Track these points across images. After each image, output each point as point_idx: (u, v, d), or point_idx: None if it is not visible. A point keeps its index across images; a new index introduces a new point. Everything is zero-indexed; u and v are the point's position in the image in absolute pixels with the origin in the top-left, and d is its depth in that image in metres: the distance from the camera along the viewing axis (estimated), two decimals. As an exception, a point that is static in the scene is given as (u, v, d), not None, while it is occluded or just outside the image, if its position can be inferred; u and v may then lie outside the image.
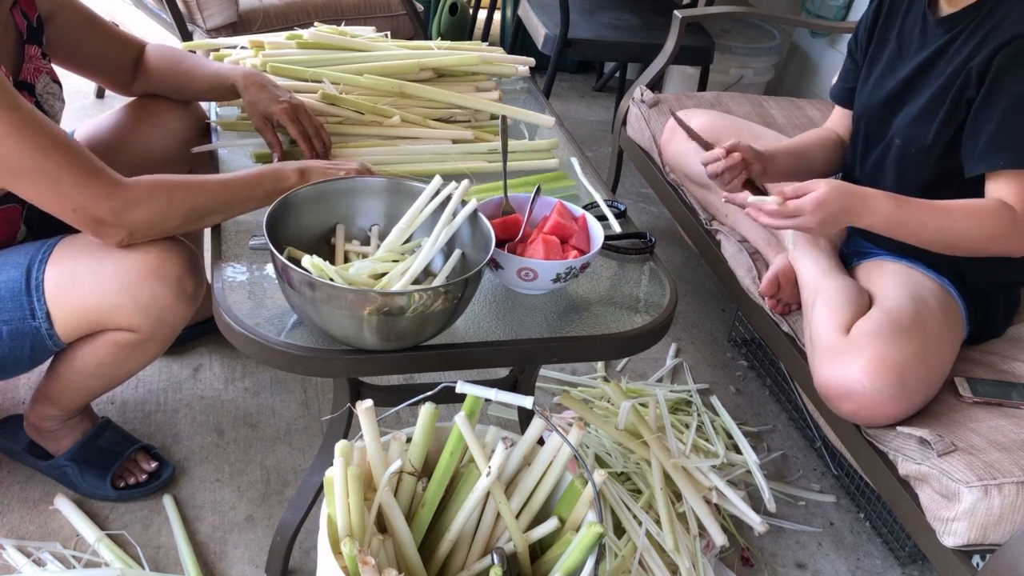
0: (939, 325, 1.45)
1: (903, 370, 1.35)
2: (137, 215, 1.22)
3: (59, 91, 1.44)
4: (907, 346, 1.37)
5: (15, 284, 1.30)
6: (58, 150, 1.17)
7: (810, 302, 1.54)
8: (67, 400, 1.50)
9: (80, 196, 1.19)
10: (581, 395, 1.88)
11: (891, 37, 1.60)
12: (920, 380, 1.37)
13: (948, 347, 1.46)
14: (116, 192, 1.20)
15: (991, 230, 1.37)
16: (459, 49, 1.83)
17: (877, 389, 1.35)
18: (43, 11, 1.40)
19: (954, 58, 1.44)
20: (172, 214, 1.25)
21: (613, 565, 1.46)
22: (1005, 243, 1.38)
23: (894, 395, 1.35)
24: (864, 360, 1.36)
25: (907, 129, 1.51)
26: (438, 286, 1.07)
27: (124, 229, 1.23)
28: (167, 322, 1.33)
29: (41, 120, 1.17)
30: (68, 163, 1.17)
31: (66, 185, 1.18)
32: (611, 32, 2.81)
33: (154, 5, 2.63)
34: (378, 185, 1.27)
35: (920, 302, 1.46)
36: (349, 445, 1.03)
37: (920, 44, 1.52)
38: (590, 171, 1.61)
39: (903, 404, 1.36)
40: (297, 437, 1.76)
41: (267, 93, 1.50)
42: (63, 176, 1.17)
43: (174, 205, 1.24)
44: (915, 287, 1.50)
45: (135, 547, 1.50)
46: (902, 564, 1.67)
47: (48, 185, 1.18)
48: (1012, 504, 1.27)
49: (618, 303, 1.29)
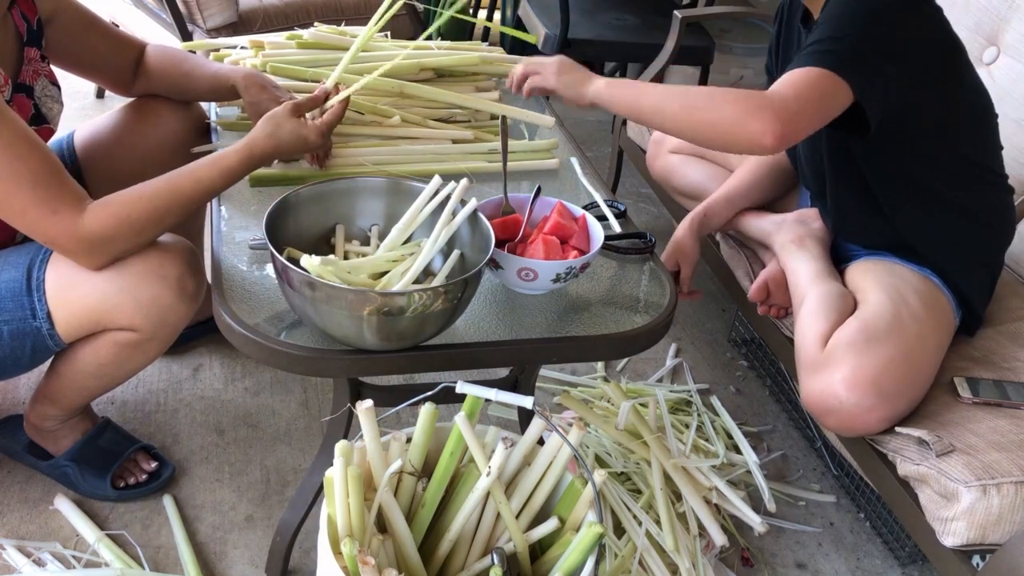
0: (921, 324, 1.44)
1: (879, 379, 1.34)
2: (105, 249, 1.24)
3: (57, 93, 1.44)
4: (883, 353, 1.36)
5: (16, 284, 1.30)
6: (27, 182, 1.17)
7: (797, 310, 1.54)
8: (67, 400, 1.50)
9: (46, 230, 1.20)
10: (581, 395, 1.88)
11: (785, 52, 1.64)
12: (901, 384, 1.36)
13: (933, 344, 1.45)
14: (80, 230, 1.20)
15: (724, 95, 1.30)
16: (459, 49, 1.83)
17: (855, 402, 1.34)
18: (43, 13, 1.40)
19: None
20: (144, 235, 1.26)
21: (613, 565, 1.46)
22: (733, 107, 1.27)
23: (872, 406, 1.34)
24: (839, 374, 1.35)
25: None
26: (438, 286, 1.07)
27: (97, 260, 1.25)
28: (168, 321, 1.33)
29: (19, 144, 1.17)
30: (36, 196, 1.18)
31: (32, 218, 1.19)
32: (611, 32, 2.81)
33: (154, 5, 2.63)
34: (378, 185, 1.27)
35: (899, 303, 1.45)
36: (349, 445, 1.03)
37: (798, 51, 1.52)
38: (590, 171, 1.61)
39: (886, 411, 1.35)
40: (297, 437, 1.76)
41: (268, 94, 1.50)
42: (29, 210, 1.19)
43: (143, 234, 1.25)
44: (897, 285, 1.48)
45: (135, 547, 1.50)
46: (902, 564, 1.67)
47: (17, 215, 1.20)
48: (1011, 504, 1.27)
49: (618, 303, 1.29)
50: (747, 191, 1.78)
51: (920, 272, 1.53)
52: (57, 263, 1.30)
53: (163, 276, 1.29)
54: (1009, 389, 1.47)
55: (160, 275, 1.29)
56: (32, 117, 1.37)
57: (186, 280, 1.32)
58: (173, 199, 1.25)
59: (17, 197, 1.17)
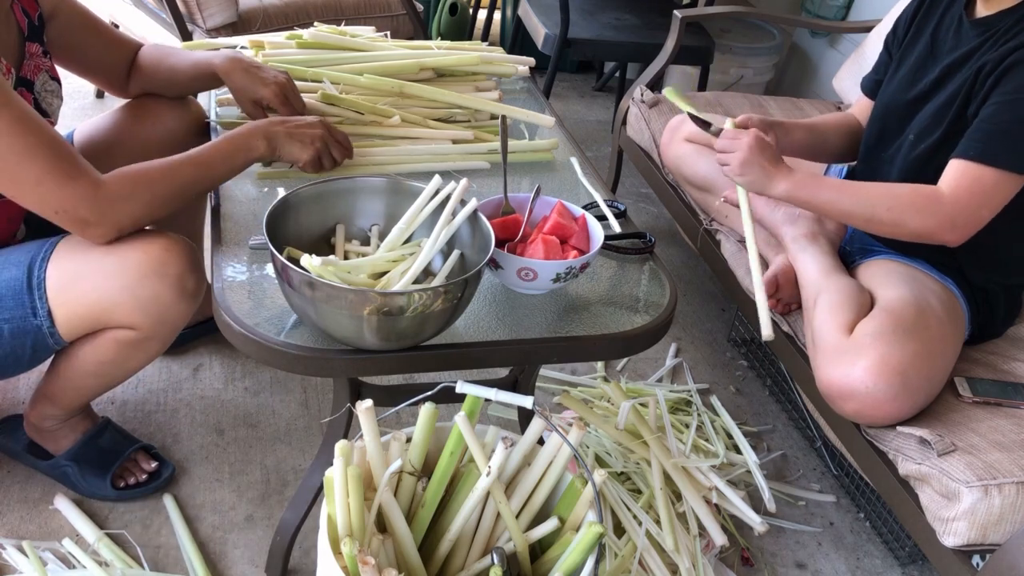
0: (942, 325, 1.45)
1: (906, 370, 1.35)
2: (121, 213, 1.24)
3: (58, 89, 1.44)
4: (910, 346, 1.37)
5: (16, 283, 1.30)
6: (42, 151, 1.17)
7: (811, 302, 1.54)
8: (67, 399, 1.50)
9: (63, 198, 1.19)
10: (581, 395, 1.88)
11: (925, 34, 1.58)
12: (923, 380, 1.37)
13: (951, 347, 1.46)
14: (98, 193, 1.21)
15: (908, 207, 1.39)
16: (459, 49, 1.83)
17: (880, 389, 1.35)
18: (44, 10, 1.41)
19: (979, 60, 1.43)
20: (155, 205, 1.26)
21: (613, 565, 1.46)
22: (918, 221, 1.39)
23: (896, 395, 1.35)
24: (867, 360, 1.36)
25: (922, 126, 1.51)
26: (438, 286, 1.07)
27: (110, 227, 1.25)
28: (168, 320, 1.33)
29: (30, 119, 1.17)
30: (51, 165, 1.18)
31: (48, 187, 1.18)
32: (611, 32, 2.81)
33: (154, 5, 2.63)
34: (378, 185, 1.27)
35: (923, 302, 1.46)
36: (349, 445, 1.03)
37: (953, 45, 1.50)
38: (590, 171, 1.61)
39: (906, 404, 1.36)
40: (297, 437, 1.76)
41: (251, 76, 1.49)
42: (45, 178, 1.18)
43: (156, 197, 1.26)
44: (918, 287, 1.50)
45: (135, 547, 1.50)
46: (902, 564, 1.67)
47: (31, 186, 1.19)
48: (1012, 504, 1.27)
49: (618, 303, 1.29)
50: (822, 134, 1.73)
51: (941, 279, 1.54)
52: (58, 261, 1.29)
53: (163, 275, 1.29)
54: (1009, 389, 1.47)
55: (160, 273, 1.29)
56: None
57: (186, 278, 1.32)
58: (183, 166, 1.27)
59: (32, 167, 1.17)
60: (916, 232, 1.41)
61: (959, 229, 1.38)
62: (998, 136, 1.35)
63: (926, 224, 1.39)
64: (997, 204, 1.38)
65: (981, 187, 1.36)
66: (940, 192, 1.38)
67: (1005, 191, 1.37)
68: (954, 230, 1.38)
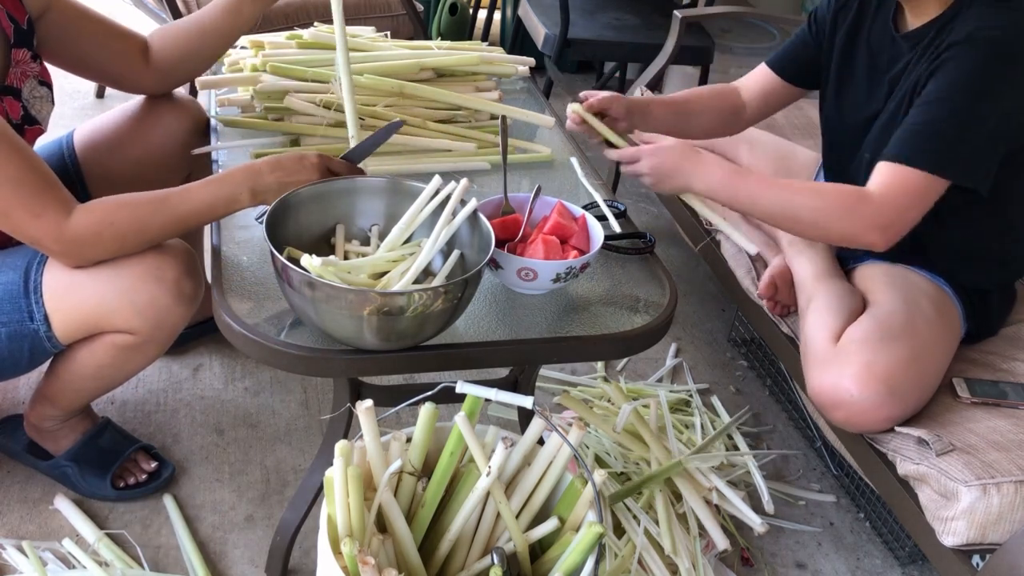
0: (932, 328, 1.45)
1: (892, 377, 1.35)
2: (87, 255, 1.25)
3: (48, 93, 1.42)
4: (896, 352, 1.37)
5: (13, 286, 1.30)
6: (10, 185, 1.17)
7: (804, 307, 1.54)
8: (67, 401, 1.50)
9: (30, 231, 1.21)
10: (581, 395, 1.88)
11: (860, 47, 1.56)
12: (911, 384, 1.37)
13: (942, 349, 1.46)
14: (63, 233, 1.21)
15: (833, 207, 1.34)
16: (459, 49, 1.83)
17: (866, 397, 1.35)
18: (33, 12, 1.37)
19: (914, 72, 1.42)
20: (124, 250, 1.27)
21: (613, 565, 1.46)
22: (845, 222, 1.34)
23: (883, 402, 1.35)
24: (852, 368, 1.36)
25: (874, 142, 1.50)
26: (438, 286, 1.07)
27: (78, 263, 1.26)
28: (165, 324, 1.33)
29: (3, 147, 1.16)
30: (18, 200, 1.18)
31: (16, 220, 1.20)
32: (611, 32, 2.81)
33: (154, 5, 2.63)
34: (378, 185, 1.27)
35: (913, 305, 1.46)
36: (349, 445, 1.03)
37: (891, 58, 1.49)
38: (590, 171, 1.61)
39: (895, 410, 1.36)
40: (297, 437, 1.76)
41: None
42: (12, 212, 1.19)
43: (124, 246, 1.26)
44: (909, 289, 1.49)
45: (135, 547, 1.50)
46: (902, 564, 1.67)
47: (1, 216, 1.20)
48: (1011, 503, 1.27)
49: (618, 303, 1.29)
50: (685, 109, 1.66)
51: (933, 280, 1.53)
52: (55, 265, 1.29)
53: (161, 279, 1.29)
54: (1007, 389, 1.47)
55: (158, 278, 1.28)
56: (22, 118, 1.36)
57: (184, 283, 1.31)
58: (158, 211, 1.24)
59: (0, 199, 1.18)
60: (841, 235, 1.36)
61: (887, 230, 1.33)
62: (913, 136, 1.34)
63: (853, 226, 1.33)
64: (924, 205, 1.34)
65: (907, 188, 1.33)
66: (868, 192, 1.34)
67: (930, 192, 1.33)
68: (882, 231, 1.33)
